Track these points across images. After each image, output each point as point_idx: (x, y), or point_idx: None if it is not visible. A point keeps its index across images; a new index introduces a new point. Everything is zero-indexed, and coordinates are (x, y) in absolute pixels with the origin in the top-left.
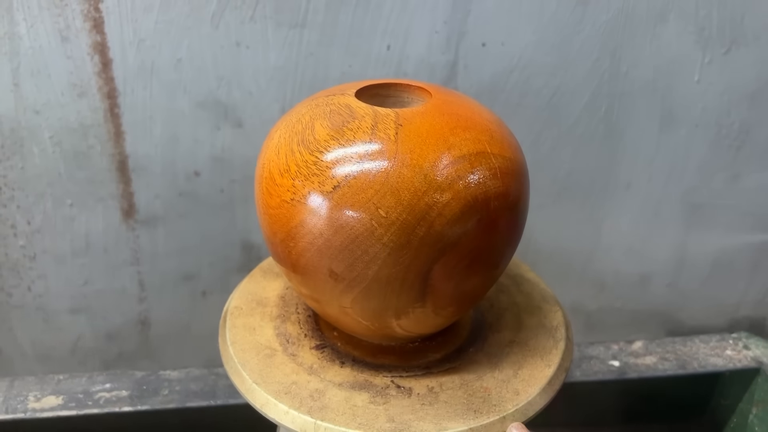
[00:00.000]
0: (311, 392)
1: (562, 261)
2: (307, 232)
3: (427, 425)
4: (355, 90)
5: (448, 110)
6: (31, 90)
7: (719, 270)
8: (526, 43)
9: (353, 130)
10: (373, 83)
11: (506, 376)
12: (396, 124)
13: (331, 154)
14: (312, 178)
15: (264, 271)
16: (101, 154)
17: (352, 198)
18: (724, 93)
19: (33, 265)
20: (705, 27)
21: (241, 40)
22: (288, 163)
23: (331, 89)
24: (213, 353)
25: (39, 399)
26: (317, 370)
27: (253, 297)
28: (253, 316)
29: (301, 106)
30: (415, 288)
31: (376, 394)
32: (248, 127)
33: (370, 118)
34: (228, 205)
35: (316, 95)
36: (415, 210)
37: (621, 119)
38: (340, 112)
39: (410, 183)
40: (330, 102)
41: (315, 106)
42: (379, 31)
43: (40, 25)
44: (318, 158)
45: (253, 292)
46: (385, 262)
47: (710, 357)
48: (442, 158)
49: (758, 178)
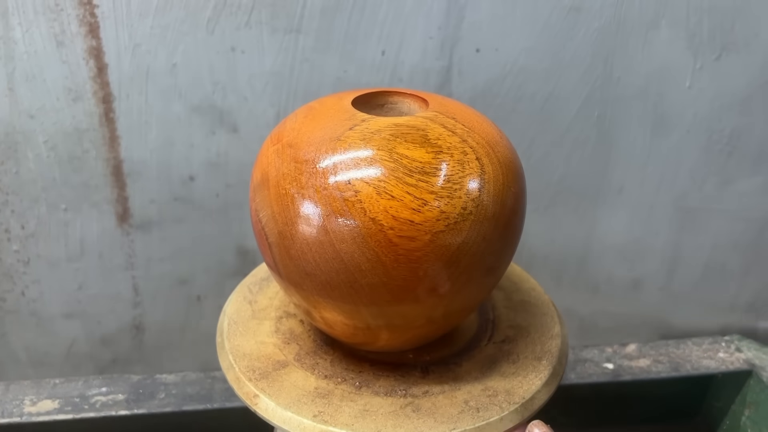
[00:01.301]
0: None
1: (555, 265)
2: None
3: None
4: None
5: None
6: (26, 94)
7: (711, 274)
8: (519, 49)
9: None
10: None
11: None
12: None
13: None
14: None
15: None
16: (96, 159)
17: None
18: (715, 99)
19: (27, 269)
20: (696, 33)
21: (237, 45)
22: None
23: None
24: (208, 358)
25: (35, 403)
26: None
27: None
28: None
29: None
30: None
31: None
32: (243, 132)
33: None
34: (223, 209)
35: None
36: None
37: (613, 125)
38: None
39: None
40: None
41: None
42: (374, 37)
43: (36, 30)
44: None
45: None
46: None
47: (703, 359)
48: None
49: (749, 183)
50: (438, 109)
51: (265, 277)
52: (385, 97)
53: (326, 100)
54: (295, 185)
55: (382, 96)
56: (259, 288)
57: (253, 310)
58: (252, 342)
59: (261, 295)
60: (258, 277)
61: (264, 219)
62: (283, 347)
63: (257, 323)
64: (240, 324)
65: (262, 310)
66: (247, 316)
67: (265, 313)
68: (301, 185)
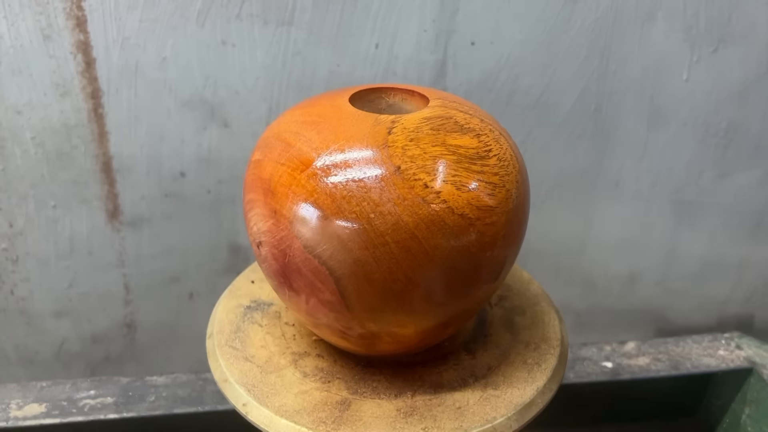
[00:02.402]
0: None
1: (550, 260)
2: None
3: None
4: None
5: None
6: (13, 90)
7: (708, 268)
8: (515, 41)
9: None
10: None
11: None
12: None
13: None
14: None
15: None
16: (85, 155)
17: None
18: (711, 92)
19: (15, 268)
20: (693, 26)
21: (228, 38)
22: None
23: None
24: (201, 356)
25: (21, 407)
26: None
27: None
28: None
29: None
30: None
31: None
32: (235, 127)
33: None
34: (215, 206)
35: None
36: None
37: (610, 118)
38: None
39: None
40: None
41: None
42: (367, 30)
43: (22, 24)
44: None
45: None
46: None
47: (703, 357)
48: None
49: (746, 176)
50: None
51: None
52: (377, 94)
53: (321, 110)
54: (370, 205)
55: (373, 93)
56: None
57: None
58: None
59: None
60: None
61: (327, 252)
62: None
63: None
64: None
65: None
66: None
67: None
68: (375, 203)
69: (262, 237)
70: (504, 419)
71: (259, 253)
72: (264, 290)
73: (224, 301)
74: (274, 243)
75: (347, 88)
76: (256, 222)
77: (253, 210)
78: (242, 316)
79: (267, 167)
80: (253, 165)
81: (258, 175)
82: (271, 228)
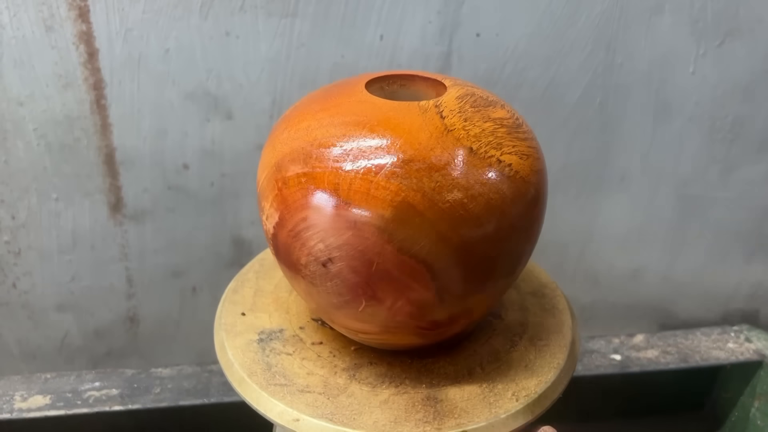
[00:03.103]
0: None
1: (555, 254)
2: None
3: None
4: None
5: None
6: (15, 81)
7: (712, 262)
8: (520, 34)
9: None
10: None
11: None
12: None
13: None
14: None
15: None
16: (87, 147)
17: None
18: (718, 85)
19: (18, 261)
20: (699, 19)
21: (231, 30)
22: None
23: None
24: (203, 350)
25: (26, 399)
26: None
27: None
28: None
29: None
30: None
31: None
32: (238, 120)
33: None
34: (218, 199)
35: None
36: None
37: (615, 111)
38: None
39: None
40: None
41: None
42: (372, 21)
43: (24, 14)
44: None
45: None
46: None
47: (712, 350)
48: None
49: (751, 170)
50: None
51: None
52: (391, 81)
53: (353, 108)
54: (461, 192)
55: (387, 81)
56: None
57: None
58: None
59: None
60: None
61: (425, 249)
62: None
63: None
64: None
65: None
66: None
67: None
68: (465, 188)
69: (333, 253)
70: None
71: (325, 271)
72: (261, 318)
73: (228, 342)
74: (354, 255)
75: (346, 82)
76: (320, 240)
77: (313, 228)
78: (262, 352)
79: (326, 178)
80: (296, 180)
81: (311, 190)
82: (350, 240)
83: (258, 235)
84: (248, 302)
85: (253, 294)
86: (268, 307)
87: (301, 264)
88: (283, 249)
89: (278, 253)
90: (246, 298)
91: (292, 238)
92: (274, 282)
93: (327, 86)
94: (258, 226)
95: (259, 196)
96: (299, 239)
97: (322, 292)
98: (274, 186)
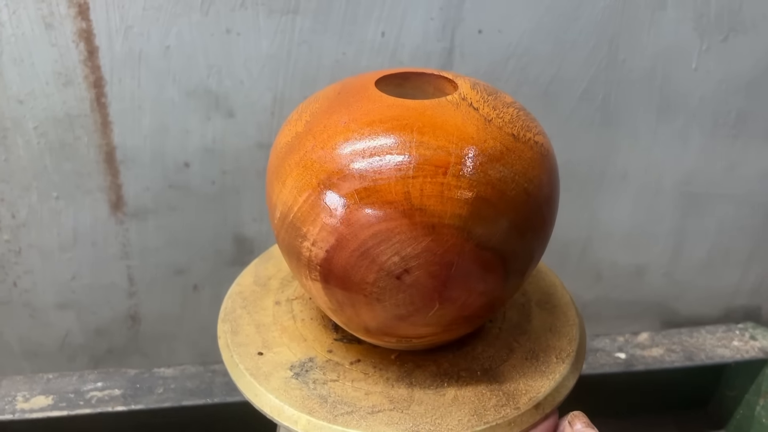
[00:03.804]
0: None
1: (558, 251)
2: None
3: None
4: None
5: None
6: (14, 79)
7: (715, 259)
8: (523, 30)
9: None
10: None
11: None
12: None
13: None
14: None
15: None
16: (88, 146)
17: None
18: (721, 81)
19: (19, 260)
20: (703, 14)
21: (232, 27)
22: None
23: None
24: (205, 348)
25: (28, 399)
26: None
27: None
28: None
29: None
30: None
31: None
32: (240, 117)
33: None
34: (220, 197)
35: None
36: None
37: (618, 108)
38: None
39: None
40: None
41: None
42: (373, 18)
43: (23, 11)
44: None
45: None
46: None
47: (717, 348)
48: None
49: (755, 167)
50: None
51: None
52: (406, 78)
53: (389, 113)
54: (522, 178)
55: (403, 77)
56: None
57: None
58: None
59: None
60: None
61: (501, 239)
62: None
63: None
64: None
65: None
66: None
67: None
68: (523, 173)
69: (409, 263)
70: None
71: (398, 284)
72: (282, 353)
73: (264, 387)
74: (433, 260)
75: (351, 86)
76: (395, 252)
77: (386, 243)
78: (307, 386)
79: (392, 189)
80: (356, 197)
81: (378, 203)
82: (429, 247)
83: (259, 232)
84: (256, 341)
85: (256, 331)
86: (281, 339)
87: (367, 282)
88: (341, 272)
89: (330, 278)
90: (250, 337)
91: (357, 258)
92: (268, 313)
93: (331, 92)
94: (259, 223)
95: (296, 221)
96: (367, 257)
97: (389, 306)
98: (324, 209)
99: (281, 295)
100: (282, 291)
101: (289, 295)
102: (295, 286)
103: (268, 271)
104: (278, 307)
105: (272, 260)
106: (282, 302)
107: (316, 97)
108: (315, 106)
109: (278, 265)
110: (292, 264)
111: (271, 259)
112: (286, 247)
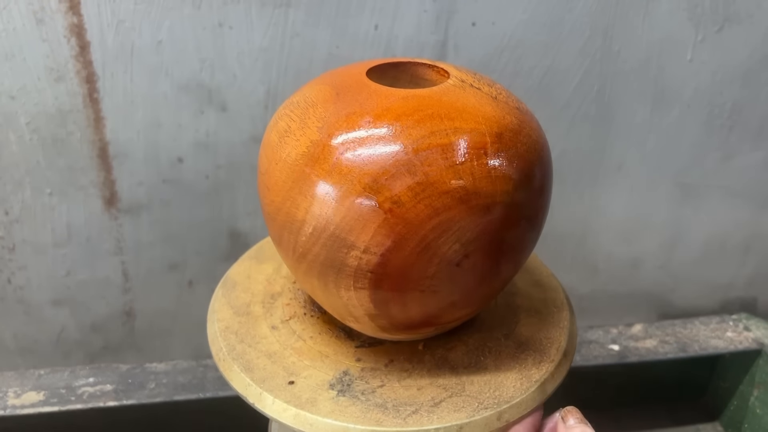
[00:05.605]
0: None
1: (553, 244)
2: None
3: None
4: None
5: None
6: (6, 74)
7: (711, 251)
8: (516, 22)
9: None
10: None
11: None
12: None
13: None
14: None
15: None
16: (81, 141)
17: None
18: (716, 72)
19: (12, 256)
20: (698, 4)
21: (224, 20)
22: None
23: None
24: (200, 343)
25: (19, 395)
26: None
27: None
28: None
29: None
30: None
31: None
32: (233, 111)
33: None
34: (213, 191)
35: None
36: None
37: (613, 99)
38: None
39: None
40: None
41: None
42: (366, 11)
43: (14, 6)
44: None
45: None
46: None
47: (711, 339)
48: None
49: (750, 158)
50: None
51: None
52: (400, 67)
53: (410, 106)
54: (543, 150)
55: (396, 66)
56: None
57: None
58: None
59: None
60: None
61: (534, 207)
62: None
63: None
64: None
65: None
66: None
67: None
68: (541, 147)
69: (468, 248)
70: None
71: (458, 271)
72: (313, 376)
73: (316, 412)
74: (490, 241)
75: (347, 82)
76: (456, 240)
77: (447, 232)
78: (359, 400)
79: (445, 179)
80: (411, 194)
81: (435, 195)
82: (486, 228)
83: (254, 226)
84: (277, 372)
85: (271, 362)
86: (302, 362)
87: (426, 277)
88: (398, 272)
89: (383, 281)
90: (269, 369)
91: (417, 254)
92: (271, 341)
93: (328, 92)
94: (254, 217)
95: (339, 232)
96: (428, 251)
97: (444, 295)
98: (377, 213)
99: (272, 318)
100: (270, 314)
101: (281, 317)
102: (280, 306)
103: (240, 298)
104: (277, 331)
105: (237, 286)
106: (278, 326)
107: (311, 102)
108: (319, 110)
109: (246, 288)
110: (328, 278)
111: (235, 286)
112: (322, 263)
